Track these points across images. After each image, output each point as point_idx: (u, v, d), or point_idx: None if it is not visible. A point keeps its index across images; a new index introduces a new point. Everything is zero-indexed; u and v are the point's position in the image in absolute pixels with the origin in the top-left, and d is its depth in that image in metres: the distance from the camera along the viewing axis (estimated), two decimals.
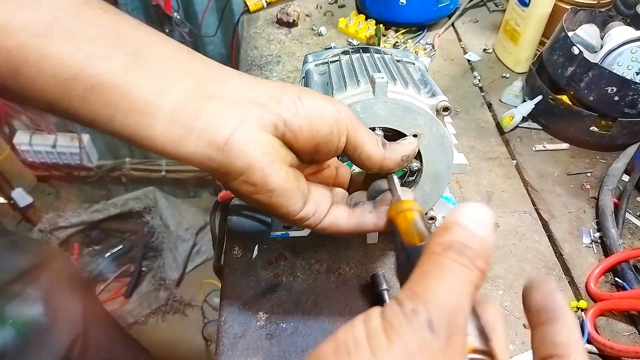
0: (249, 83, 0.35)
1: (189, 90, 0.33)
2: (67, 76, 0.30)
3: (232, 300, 0.54)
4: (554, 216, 0.65)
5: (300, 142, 0.36)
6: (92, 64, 0.31)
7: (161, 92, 0.32)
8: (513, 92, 0.83)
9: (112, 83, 0.31)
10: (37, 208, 1.86)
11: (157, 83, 0.32)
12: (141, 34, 0.33)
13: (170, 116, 0.32)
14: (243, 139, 0.33)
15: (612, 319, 0.55)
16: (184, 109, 0.32)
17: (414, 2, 0.95)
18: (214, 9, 1.54)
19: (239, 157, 0.33)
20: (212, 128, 0.33)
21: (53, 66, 0.30)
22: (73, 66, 0.30)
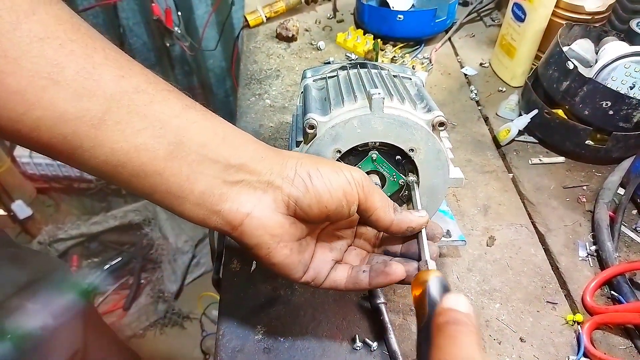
0: (268, 165, 0.40)
1: (215, 175, 0.38)
2: (116, 163, 0.34)
3: (230, 313, 0.54)
4: (550, 229, 0.66)
5: (310, 216, 0.40)
6: (139, 155, 0.34)
7: (193, 180, 0.37)
8: (509, 106, 0.84)
9: (154, 171, 0.35)
10: (37, 220, 1.86)
11: (190, 171, 0.37)
12: (182, 122, 0.36)
13: (198, 200, 0.38)
14: (254, 222, 0.39)
15: (609, 333, 0.55)
16: (210, 194, 0.38)
17: (411, 17, 0.96)
18: (214, 23, 1.57)
19: (249, 237, 0.39)
20: (230, 212, 0.38)
21: (104, 154, 0.34)
22: (122, 156, 0.34)
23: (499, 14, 1.14)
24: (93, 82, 0.32)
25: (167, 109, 0.36)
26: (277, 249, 0.40)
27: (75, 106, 0.32)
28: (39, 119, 0.31)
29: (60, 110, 0.31)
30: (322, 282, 0.43)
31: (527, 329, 0.54)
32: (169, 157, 0.36)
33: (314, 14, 1.12)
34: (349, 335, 0.53)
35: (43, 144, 0.32)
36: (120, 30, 1.54)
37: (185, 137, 0.36)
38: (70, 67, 0.31)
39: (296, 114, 0.60)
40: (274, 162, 0.40)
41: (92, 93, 0.32)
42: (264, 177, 0.39)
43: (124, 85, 0.34)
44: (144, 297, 1.77)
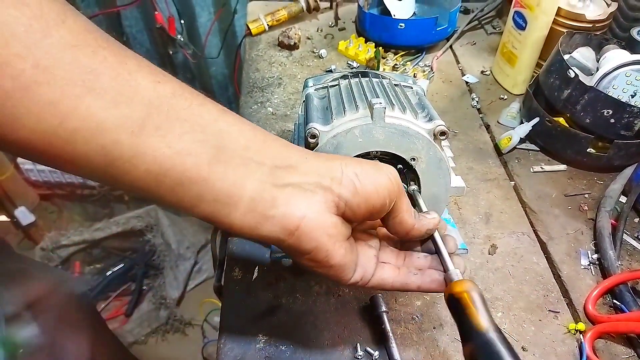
0: (314, 166, 0.39)
1: (263, 179, 0.36)
2: (158, 171, 0.32)
3: (231, 321, 0.55)
4: (552, 237, 0.66)
5: (357, 216, 0.39)
6: (182, 161, 0.33)
7: (240, 185, 0.35)
8: (511, 113, 0.85)
9: (199, 177, 0.34)
10: (40, 226, 1.87)
11: (237, 175, 0.35)
12: (222, 125, 0.35)
13: (248, 206, 0.35)
14: (311, 224, 0.37)
15: (611, 342, 0.55)
16: (260, 199, 0.36)
17: (412, 26, 0.97)
18: (217, 31, 1.57)
19: (307, 241, 0.37)
20: (285, 216, 0.36)
21: (146, 162, 0.32)
22: (164, 162, 0.32)
23: (500, 22, 1.14)
24: (130, 89, 0.31)
25: (206, 112, 0.35)
26: (334, 250, 0.38)
27: (113, 114, 0.30)
28: (75, 130, 0.29)
29: (97, 120, 0.30)
30: (369, 280, 0.42)
31: (529, 338, 0.54)
32: (213, 161, 0.34)
33: (315, 22, 1.12)
34: (351, 344, 0.53)
35: (79, 158, 0.31)
36: (124, 38, 1.55)
37: (228, 140, 0.35)
38: (105, 73, 0.30)
39: (298, 122, 0.60)
40: (319, 162, 0.39)
41: (130, 99, 0.31)
42: (312, 178, 0.38)
43: (161, 90, 0.33)
44: (146, 303, 1.77)
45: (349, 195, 0.38)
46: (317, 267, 0.40)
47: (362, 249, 0.43)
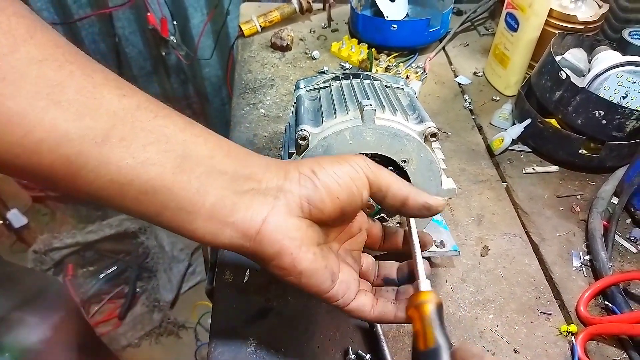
0: (274, 172, 0.39)
1: (225, 186, 0.37)
2: (123, 181, 0.33)
3: (222, 325, 0.54)
4: (544, 239, 0.66)
5: (326, 213, 0.39)
6: (146, 170, 0.33)
7: (203, 192, 0.36)
8: (503, 115, 0.85)
9: (163, 186, 0.34)
10: (32, 229, 1.85)
11: (200, 183, 0.36)
12: (187, 136, 0.36)
13: (209, 213, 0.36)
14: (272, 228, 0.37)
15: (603, 343, 0.54)
16: (221, 206, 0.36)
17: (405, 27, 0.96)
18: (209, 32, 1.57)
19: (269, 245, 0.37)
20: (244, 221, 0.37)
21: (110, 172, 0.32)
22: (129, 172, 0.33)
23: (492, 23, 1.14)
24: (95, 101, 0.32)
25: (171, 124, 0.36)
26: (300, 254, 0.38)
27: (78, 125, 0.31)
28: (40, 141, 0.30)
29: (62, 131, 0.30)
30: (350, 302, 0.41)
31: (521, 340, 0.54)
32: (177, 170, 0.35)
33: (308, 24, 1.12)
34: (342, 347, 0.52)
35: (44, 168, 0.31)
36: (116, 40, 1.54)
37: (192, 150, 0.36)
38: (71, 87, 0.31)
39: (289, 124, 0.60)
40: (278, 168, 0.39)
41: (95, 111, 0.32)
42: (272, 183, 0.38)
43: (126, 102, 0.33)
44: (140, 306, 1.76)
45: (309, 192, 0.38)
46: (287, 276, 0.39)
47: (345, 267, 0.42)
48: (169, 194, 0.35)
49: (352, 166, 0.40)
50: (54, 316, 0.79)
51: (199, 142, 0.37)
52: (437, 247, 0.57)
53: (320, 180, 0.38)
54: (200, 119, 1.82)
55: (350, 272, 0.42)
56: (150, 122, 0.34)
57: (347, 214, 0.40)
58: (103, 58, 1.59)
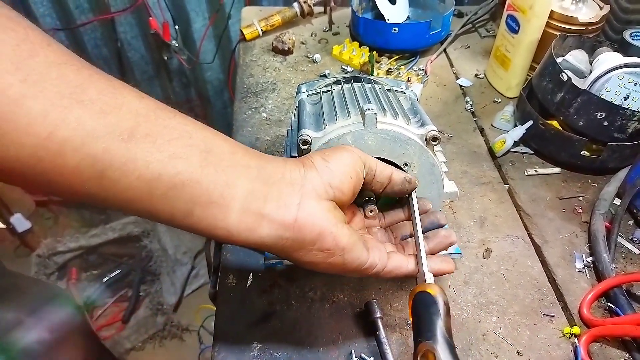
0: (292, 165, 0.40)
1: (253, 179, 0.37)
2: (150, 177, 0.33)
3: (226, 329, 0.54)
4: (546, 241, 0.66)
5: (346, 193, 0.41)
6: (173, 164, 0.33)
7: (232, 185, 0.36)
8: (504, 117, 0.85)
9: (191, 180, 0.34)
10: (36, 233, 1.86)
11: (228, 176, 0.36)
12: (207, 133, 0.37)
13: (243, 206, 0.36)
14: (309, 212, 0.38)
15: (606, 345, 0.54)
16: (253, 198, 0.36)
17: (406, 30, 0.97)
18: (211, 36, 1.57)
19: (310, 230, 0.38)
20: (279, 211, 0.37)
21: (138, 168, 0.32)
22: (156, 167, 0.33)
23: (493, 25, 1.14)
24: (117, 100, 0.32)
25: (190, 122, 0.36)
26: (339, 230, 0.39)
27: (102, 123, 0.31)
28: (65, 140, 0.29)
29: (87, 128, 0.30)
30: (386, 264, 0.43)
31: (524, 342, 0.54)
32: (203, 163, 0.35)
33: (309, 27, 1.13)
34: (345, 351, 0.52)
35: (69, 170, 0.31)
36: (118, 44, 1.55)
37: (215, 145, 0.36)
38: (92, 87, 0.31)
39: (291, 128, 0.60)
40: (296, 161, 0.41)
41: (118, 109, 0.32)
42: (295, 173, 0.39)
43: (146, 103, 0.34)
44: (143, 309, 1.76)
45: (329, 177, 0.40)
46: (330, 257, 0.39)
47: (368, 237, 0.46)
48: (198, 188, 0.34)
49: (348, 152, 0.43)
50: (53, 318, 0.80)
51: (218, 138, 0.37)
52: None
53: (333, 165, 0.41)
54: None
55: (371, 238, 0.46)
56: (171, 120, 0.35)
57: (357, 189, 0.43)
58: (105, 63, 1.60)
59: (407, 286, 0.59)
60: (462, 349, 0.53)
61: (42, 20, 1.45)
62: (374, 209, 0.49)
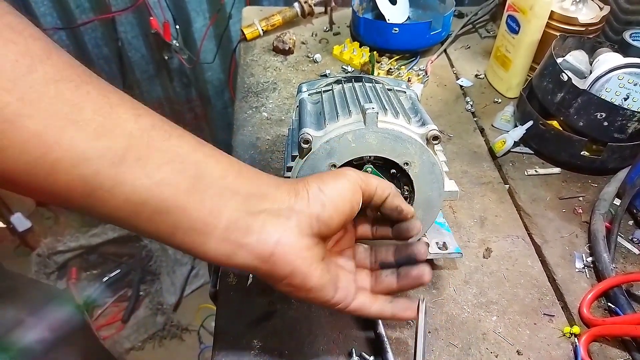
0: (285, 192, 0.40)
1: (238, 207, 0.37)
2: (137, 201, 0.33)
3: (226, 328, 0.54)
4: (546, 241, 0.66)
5: (332, 229, 0.41)
6: (161, 190, 0.34)
7: (216, 213, 0.36)
8: (505, 117, 0.85)
9: (177, 206, 0.35)
10: (36, 232, 1.86)
11: (213, 204, 0.36)
12: (199, 156, 0.37)
13: (223, 234, 0.37)
14: (285, 249, 0.38)
15: (606, 345, 0.55)
16: (235, 227, 0.37)
17: (406, 30, 0.97)
18: (212, 36, 1.57)
19: (282, 267, 0.38)
20: (258, 243, 0.37)
21: (125, 192, 0.33)
22: (144, 192, 0.33)
23: (494, 26, 1.15)
24: (111, 121, 0.32)
25: (185, 143, 0.36)
26: (310, 272, 0.39)
27: (95, 145, 0.31)
28: (57, 160, 0.30)
29: (80, 150, 0.31)
30: (350, 303, 0.43)
31: (524, 341, 0.54)
32: (191, 190, 0.35)
33: (310, 27, 1.13)
34: (346, 350, 0.52)
35: (60, 189, 0.31)
36: (119, 44, 1.55)
37: (205, 170, 0.36)
38: (88, 107, 0.31)
39: (292, 127, 0.60)
40: (289, 188, 0.40)
41: (112, 131, 0.32)
42: (284, 203, 0.39)
43: (142, 122, 0.34)
44: (143, 309, 1.76)
45: (319, 211, 0.40)
46: (295, 292, 0.40)
47: (342, 272, 0.45)
48: (182, 214, 0.35)
49: (349, 180, 0.42)
50: (53, 318, 0.80)
51: (211, 162, 0.37)
52: (440, 249, 0.58)
53: (327, 197, 0.40)
54: (203, 122, 1.83)
55: (346, 275, 0.45)
56: (164, 143, 0.35)
57: (347, 222, 0.42)
58: (106, 62, 1.60)
59: None
60: (462, 348, 0.53)
61: (43, 19, 1.45)
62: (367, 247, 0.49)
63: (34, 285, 0.93)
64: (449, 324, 0.56)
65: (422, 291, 0.59)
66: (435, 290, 0.59)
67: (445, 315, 0.57)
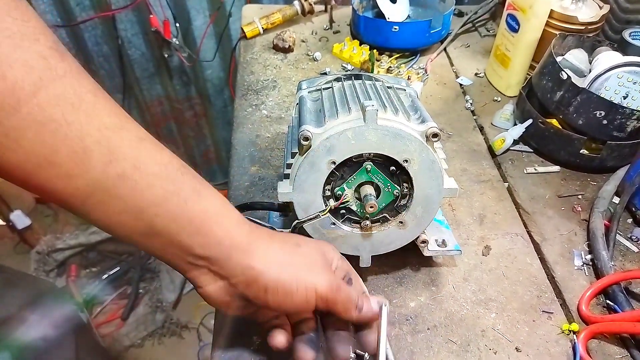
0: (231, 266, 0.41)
1: (181, 257, 0.41)
2: (103, 228, 0.38)
3: (226, 325, 0.54)
4: (545, 238, 0.66)
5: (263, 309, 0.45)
6: (116, 230, 0.38)
7: (162, 255, 0.41)
8: (504, 115, 0.85)
9: (131, 242, 0.39)
10: (35, 230, 1.86)
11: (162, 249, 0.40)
12: (160, 211, 0.38)
13: (170, 264, 0.42)
14: (208, 294, 0.43)
15: (604, 342, 0.55)
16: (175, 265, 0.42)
17: (406, 28, 0.97)
18: (212, 34, 1.57)
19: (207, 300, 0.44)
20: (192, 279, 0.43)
21: (91, 221, 0.38)
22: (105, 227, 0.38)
23: (493, 25, 1.15)
24: (82, 166, 0.34)
25: (150, 195, 0.37)
26: (229, 312, 0.45)
27: (66, 185, 0.34)
28: (35, 187, 0.34)
29: (52, 187, 0.34)
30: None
31: (522, 338, 0.54)
32: (144, 237, 0.39)
33: (310, 25, 1.13)
34: None
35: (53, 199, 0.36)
36: (119, 42, 1.55)
37: (161, 225, 0.38)
38: (63, 150, 0.33)
39: (292, 125, 0.60)
40: (237, 263, 0.41)
41: (81, 175, 0.34)
42: (224, 271, 0.41)
43: (110, 171, 0.35)
44: (142, 306, 1.76)
45: (252, 297, 0.42)
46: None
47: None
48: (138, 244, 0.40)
49: (306, 296, 0.42)
50: (54, 315, 0.80)
51: (168, 218, 0.38)
52: (439, 247, 0.58)
53: (266, 298, 0.41)
54: (203, 120, 1.83)
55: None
56: (127, 194, 0.36)
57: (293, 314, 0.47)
58: (106, 60, 1.60)
59: (406, 282, 0.60)
60: (461, 345, 0.54)
61: (43, 17, 1.45)
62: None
63: (31, 279, 0.93)
64: (448, 321, 0.56)
65: (422, 288, 0.59)
66: (434, 287, 0.59)
67: (444, 312, 0.57)
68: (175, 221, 0.39)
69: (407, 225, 0.53)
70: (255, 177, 0.73)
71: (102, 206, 0.36)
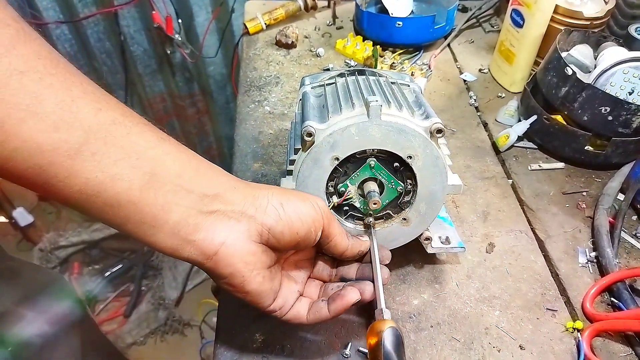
0: (241, 195, 0.41)
1: (190, 205, 0.38)
2: (90, 193, 0.34)
3: (228, 322, 0.54)
4: (550, 236, 0.66)
5: (282, 243, 0.42)
6: (113, 184, 0.35)
7: (167, 210, 0.37)
8: (508, 111, 0.84)
9: (129, 201, 0.36)
10: (38, 227, 1.86)
11: (166, 201, 0.37)
12: (158, 153, 0.37)
13: (172, 230, 0.38)
14: (229, 251, 0.39)
15: (609, 340, 0.54)
16: (184, 224, 0.38)
17: (410, 24, 0.96)
18: (214, 30, 1.57)
19: (224, 267, 0.40)
20: (205, 241, 0.39)
21: (79, 184, 0.34)
22: (97, 185, 0.34)
23: (498, 20, 1.14)
24: (71, 115, 0.33)
25: (143, 140, 0.37)
26: (251, 277, 0.41)
27: (52, 137, 0.32)
28: (15, 150, 0.31)
29: (37, 142, 0.32)
30: (286, 312, 0.45)
31: (526, 336, 0.54)
32: (144, 186, 0.36)
33: (313, 21, 1.12)
34: (347, 343, 0.52)
35: (18, 174, 0.33)
36: (121, 38, 1.54)
37: (161, 167, 0.37)
38: (49, 99, 0.32)
39: (294, 121, 0.60)
40: (246, 192, 0.41)
41: (70, 125, 0.33)
42: (237, 206, 0.40)
43: (102, 117, 0.34)
44: (145, 304, 1.77)
45: (272, 223, 0.41)
46: (234, 292, 0.42)
47: (287, 282, 0.46)
48: (133, 209, 0.36)
49: (314, 207, 0.43)
50: (54, 310, 0.80)
51: (168, 159, 0.38)
52: (443, 244, 0.57)
53: (286, 213, 0.41)
54: (205, 116, 1.83)
55: (289, 286, 0.46)
56: (123, 138, 0.35)
57: (300, 246, 0.44)
58: (108, 57, 1.59)
59: (410, 280, 0.59)
60: (465, 342, 0.53)
61: (45, 13, 1.45)
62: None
63: (33, 268, 0.93)
64: (452, 319, 0.56)
65: (425, 285, 0.59)
66: (437, 285, 0.59)
67: (448, 309, 0.56)
68: (175, 163, 0.38)
69: (411, 222, 0.53)
70: (258, 174, 0.73)
71: (95, 157, 0.34)
